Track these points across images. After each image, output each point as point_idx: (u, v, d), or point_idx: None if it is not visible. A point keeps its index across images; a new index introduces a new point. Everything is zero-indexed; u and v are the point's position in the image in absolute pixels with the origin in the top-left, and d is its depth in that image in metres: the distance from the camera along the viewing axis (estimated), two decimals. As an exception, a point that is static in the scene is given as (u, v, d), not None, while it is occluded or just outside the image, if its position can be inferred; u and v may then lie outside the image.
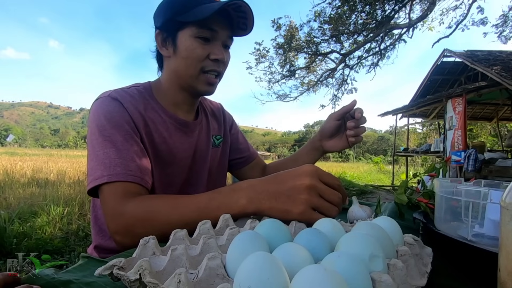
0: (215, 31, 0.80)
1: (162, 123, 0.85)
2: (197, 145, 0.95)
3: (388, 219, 0.47)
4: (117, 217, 0.64)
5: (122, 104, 0.78)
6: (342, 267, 0.29)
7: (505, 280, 0.32)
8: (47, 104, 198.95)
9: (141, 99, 0.84)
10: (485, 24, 8.60)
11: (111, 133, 0.73)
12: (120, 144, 0.72)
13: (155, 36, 0.85)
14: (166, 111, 0.87)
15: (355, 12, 8.76)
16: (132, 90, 0.85)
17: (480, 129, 16.23)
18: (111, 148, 0.71)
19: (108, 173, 0.68)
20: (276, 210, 0.57)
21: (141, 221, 0.63)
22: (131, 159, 0.71)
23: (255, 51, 10.87)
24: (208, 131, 1.01)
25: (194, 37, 0.79)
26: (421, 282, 0.37)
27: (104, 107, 0.77)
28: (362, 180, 11.46)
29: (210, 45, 0.81)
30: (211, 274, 0.34)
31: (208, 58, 0.81)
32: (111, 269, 0.34)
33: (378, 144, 55.52)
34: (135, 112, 0.79)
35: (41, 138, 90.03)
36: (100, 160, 0.70)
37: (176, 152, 0.87)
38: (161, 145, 0.84)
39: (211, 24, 0.79)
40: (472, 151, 6.20)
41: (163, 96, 0.89)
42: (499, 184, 0.63)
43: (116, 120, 0.75)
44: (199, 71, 0.82)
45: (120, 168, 0.69)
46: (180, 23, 0.79)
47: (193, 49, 0.79)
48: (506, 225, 0.32)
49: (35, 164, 10.10)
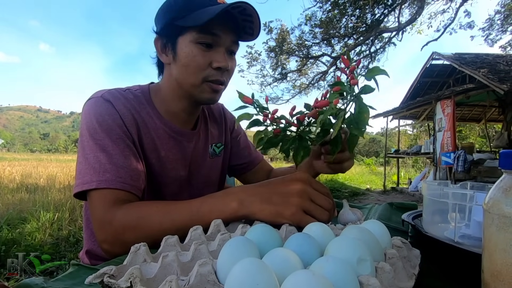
0: (217, 36, 0.74)
1: (156, 130, 0.82)
2: (193, 156, 0.91)
3: (376, 222, 0.48)
4: (106, 225, 0.63)
5: (114, 106, 0.75)
6: (330, 271, 0.30)
7: (488, 282, 0.33)
8: (37, 108, 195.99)
9: (135, 103, 0.80)
10: (472, 27, 8.81)
11: (102, 136, 0.70)
12: (111, 149, 0.70)
13: (154, 42, 0.81)
14: (161, 117, 0.84)
15: (346, 15, 8.87)
16: (127, 92, 0.81)
17: (469, 130, 16.51)
18: (102, 152, 0.69)
19: (98, 179, 0.66)
20: (267, 212, 0.57)
21: (131, 229, 0.62)
22: (121, 165, 0.69)
23: (247, 55, 10.94)
24: (206, 141, 0.97)
25: (194, 43, 0.73)
26: (409, 284, 0.38)
27: (96, 108, 0.74)
28: (355, 181, 11.53)
29: (212, 51, 0.75)
30: (202, 281, 0.34)
31: (211, 67, 0.76)
32: (102, 277, 0.34)
33: (369, 146, 56.00)
34: (127, 115, 0.76)
35: (30, 142, 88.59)
36: (90, 164, 0.68)
37: (166, 162, 0.84)
38: (150, 151, 0.81)
39: (213, 28, 0.73)
40: (461, 152, 6.31)
41: (161, 102, 0.85)
42: (485, 186, 0.64)
43: (108, 123, 0.72)
44: (201, 81, 0.77)
45: (110, 174, 0.67)
46: (180, 28, 0.74)
47: (193, 56, 0.74)
48: (488, 228, 0.33)
49: (24, 169, 9.90)
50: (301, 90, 11.65)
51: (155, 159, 0.82)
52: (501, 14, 8.68)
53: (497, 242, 0.31)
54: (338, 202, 1.02)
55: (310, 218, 0.56)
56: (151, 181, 0.82)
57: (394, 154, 10.67)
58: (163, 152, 0.83)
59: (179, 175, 0.87)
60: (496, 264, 0.31)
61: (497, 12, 8.73)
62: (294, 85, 11.68)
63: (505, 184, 0.32)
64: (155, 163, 0.82)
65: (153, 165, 0.81)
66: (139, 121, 0.79)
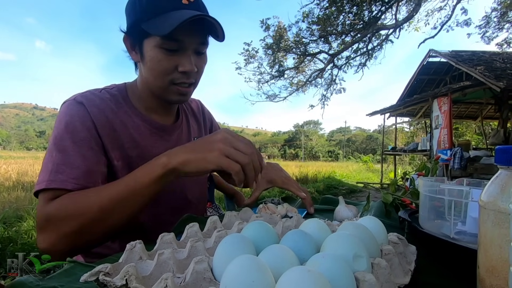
0: (181, 41, 0.72)
1: (135, 127, 0.81)
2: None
3: (373, 218, 0.48)
4: (43, 222, 0.61)
5: (86, 109, 0.73)
6: (326, 268, 0.30)
7: (484, 277, 0.33)
8: (32, 105, 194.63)
9: (112, 103, 0.79)
10: (469, 25, 8.82)
11: (64, 138, 0.69)
12: (71, 150, 0.68)
13: (123, 40, 0.78)
14: (140, 114, 0.83)
15: (343, 13, 8.86)
16: (103, 93, 0.80)
17: (465, 127, 16.58)
18: (59, 153, 0.67)
19: (49, 179, 0.64)
20: (193, 160, 0.60)
21: (68, 218, 0.60)
22: (77, 166, 0.67)
23: (244, 52, 10.87)
24: (189, 134, 0.97)
25: (158, 47, 0.71)
26: (405, 280, 0.38)
27: (68, 111, 0.72)
28: (352, 179, 11.57)
29: (178, 55, 0.73)
30: (198, 278, 0.34)
31: (177, 70, 0.74)
32: (97, 275, 0.33)
33: (366, 143, 56.15)
34: (100, 117, 0.74)
35: (26, 140, 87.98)
36: (46, 164, 0.67)
37: (149, 157, 0.80)
38: (132, 149, 0.79)
39: (177, 34, 0.70)
40: (458, 150, 6.34)
41: (138, 99, 0.85)
42: (481, 182, 0.65)
43: (74, 126, 0.70)
44: (167, 83, 0.76)
45: (63, 175, 0.65)
46: (145, 31, 0.71)
47: (158, 61, 0.73)
48: (484, 224, 0.33)
49: (20, 167, 9.86)
50: (299, 88, 11.62)
51: (138, 156, 0.80)
52: (498, 11, 8.70)
53: (493, 238, 0.31)
54: (334, 198, 1.02)
55: (232, 162, 0.59)
56: None
57: (391, 152, 10.72)
58: (145, 148, 0.82)
59: None
60: (491, 260, 0.32)
61: (494, 10, 8.74)
62: (292, 82, 11.65)
63: (501, 180, 0.32)
64: (138, 160, 0.80)
65: (136, 162, 0.79)
66: (115, 121, 0.77)
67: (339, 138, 64.04)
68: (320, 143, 56.75)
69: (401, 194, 0.88)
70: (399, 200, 0.83)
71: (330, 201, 1.01)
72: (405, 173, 1.04)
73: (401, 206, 0.82)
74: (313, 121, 69.43)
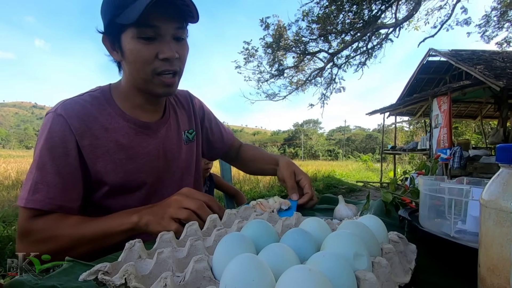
0: (157, 27, 0.71)
1: (119, 129, 0.81)
2: (165, 145, 0.90)
3: (373, 217, 0.48)
4: (23, 237, 0.68)
5: (66, 120, 0.74)
6: (327, 267, 0.30)
7: (485, 276, 0.33)
8: (32, 104, 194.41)
9: (94, 107, 0.79)
10: (468, 24, 8.81)
11: (43, 154, 0.71)
12: (49, 167, 0.71)
13: (103, 42, 0.79)
14: (124, 114, 0.82)
15: (343, 11, 8.84)
16: (85, 97, 0.80)
17: (464, 127, 16.59)
18: (38, 170, 0.71)
19: (27, 197, 0.68)
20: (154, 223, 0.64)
21: (44, 241, 0.67)
22: (53, 184, 0.70)
23: (244, 51, 10.86)
24: (178, 128, 0.97)
25: (136, 38, 0.72)
26: (405, 279, 0.38)
27: (48, 124, 0.74)
28: (351, 178, 11.57)
29: (156, 43, 0.73)
30: (198, 277, 0.33)
31: (158, 58, 0.74)
32: (96, 274, 0.33)
33: (366, 142, 56.16)
34: (80, 127, 0.75)
35: (25, 139, 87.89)
36: (27, 180, 0.71)
37: (137, 157, 0.83)
38: (118, 153, 0.80)
39: (151, 20, 0.70)
40: (457, 149, 6.34)
41: (123, 99, 0.84)
42: (481, 181, 0.64)
43: (53, 141, 0.72)
44: (151, 74, 0.76)
45: (40, 194, 0.69)
46: (120, 25, 0.72)
47: (137, 52, 0.73)
48: (485, 222, 0.33)
49: (20, 166, 9.85)
50: (298, 87, 11.61)
51: (126, 158, 0.81)
52: (497, 10, 8.68)
53: (494, 237, 0.31)
54: (334, 197, 1.02)
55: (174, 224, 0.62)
56: (127, 178, 0.82)
57: (390, 151, 10.72)
58: (132, 149, 0.82)
59: (154, 166, 0.87)
60: (492, 259, 0.31)
61: (494, 9, 8.74)
62: (291, 81, 11.64)
63: (503, 178, 0.32)
64: (127, 162, 0.81)
65: (126, 164, 0.81)
66: (96, 128, 0.78)
67: (338, 137, 64.04)
68: (319, 142, 56.75)
69: (401, 193, 0.88)
70: (399, 199, 0.83)
71: (329, 200, 1.01)
72: (405, 172, 1.04)
73: (401, 205, 0.82)
74: (312, 120, 69.42)
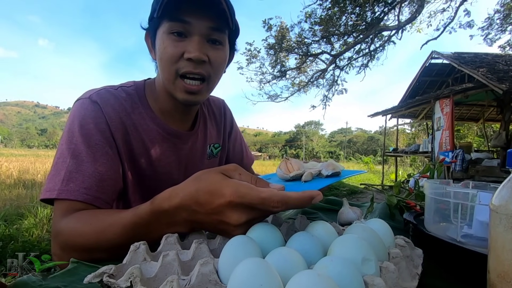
0: (188, 23, 0.66)
1: (148, 132, 0.76)
2: (189, 158, 0.86)
3: (380, 221, 0.47)
4: (54, 237, 0.59)
5: (101, 108, 0.69)
6: (335, 271, 0.29)
7: (495, 282, 0.32)
8: (34, 103, 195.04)
9: (127, 103, 0.75)
10: (471, 26, 8.79)
11: (78, 141, 0.65)
12: (84, 155, 0.64)
13: (145, 39, 0.77)
14: (155, 118, 0.78)
15: (345, 13, 8.84)
16: (119, 91, 0.75)
17: (467, 129, 16.55)
18: (72, 159, 0.64)
19: (60, 188, 0.61)
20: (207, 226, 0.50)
21: (73, 245, 0.56)
22: (90, 174, 0.64)
23: (246, 52, 10.86)
24: (205, 141, 0.91)
25: (167, 33, 0.67)
26: (412, 284, 0.37)
27: (82, 110, 0.69)
28: (353, 180, 11.55)
29: (185, 41, 0.67)
30: (204, 280, 0.33)
31: (183, 58, 0.68)
32: (101, 277, 0.33)
33: (368, 144, 56.07)
34: (115, 118, 0.71)
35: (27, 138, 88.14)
36: (58, 170, 0.63)
37: (158, 165, 0.78)
38: (141, 155, 0.75)
39: (183, 15, 0.65)
40: (459, 152, 6.33)
41: (154, 101, 0.79)
42: (487, 185, 0.64)
43: (88, 128, 0.67)
44: (174, 75, 0.69)
45: (74, 184, 0.62)
46: (156, 20, 0.68)
47: (164, 48, 0.68)
48: (496, 228, 0.32)
49: (22, 165, 9.87)
50: (300, 88, 11.60)
51: (146, 163, 0.77)
52: (501, 13, 8.67)
53: (505, 243, 0.31)
54: (338, 200, 1.02)
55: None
56: (141, 185, 0.78)
57: (392, 153, 10.71)
58: (155, 155, 0.78)
59: (171, 178, 0.81)
60: (503, 265, 0.31)
61: (497, 12, 8.72)
62: (293, 82, 11.63)
63: (513, 183, 0.32)
64: (146, 167, 0.77)
65: (144, 169, 0.77)
66: (128, 124, 0.73)
67: (340, 139, 64.00)
68: (321, 143, 56.71)
69: (405, 196, 0.88)
70: (403, 202, 0.82)
71: (333, 202, 1.01)
72: (410, 175, 1.04)
73: (405, 208, 0.82)
74: (314, 121, 69.39)
